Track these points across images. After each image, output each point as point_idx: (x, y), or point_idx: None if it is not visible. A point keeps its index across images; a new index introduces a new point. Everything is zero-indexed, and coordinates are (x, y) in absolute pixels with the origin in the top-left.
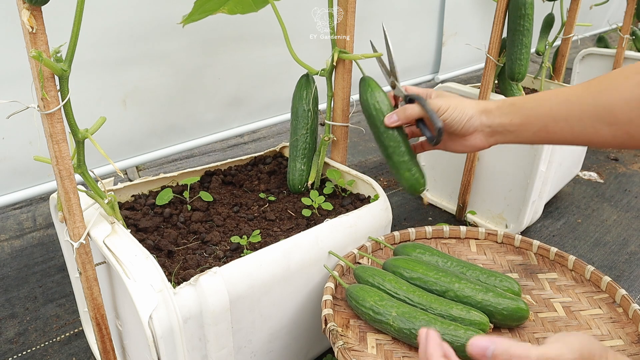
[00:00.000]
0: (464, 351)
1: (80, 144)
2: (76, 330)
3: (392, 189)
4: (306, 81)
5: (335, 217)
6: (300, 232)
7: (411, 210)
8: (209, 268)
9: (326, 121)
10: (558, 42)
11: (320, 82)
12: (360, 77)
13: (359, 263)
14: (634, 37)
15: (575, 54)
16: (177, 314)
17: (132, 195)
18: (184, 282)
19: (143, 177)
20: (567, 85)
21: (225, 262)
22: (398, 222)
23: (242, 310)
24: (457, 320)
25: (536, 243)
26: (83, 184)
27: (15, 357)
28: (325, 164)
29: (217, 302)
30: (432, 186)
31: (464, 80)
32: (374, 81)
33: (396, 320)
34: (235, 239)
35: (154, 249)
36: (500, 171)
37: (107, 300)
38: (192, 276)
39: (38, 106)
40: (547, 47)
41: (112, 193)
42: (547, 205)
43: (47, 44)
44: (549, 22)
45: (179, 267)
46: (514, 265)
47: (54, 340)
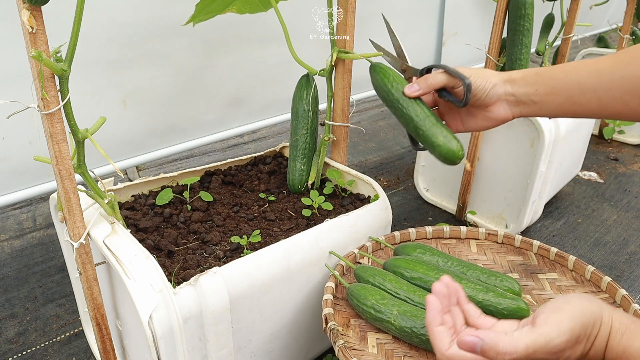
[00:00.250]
0: None
1: (80, 144)
2: (76, 330)
3: (392, 189)
4: (306, 81)
5: (335, 217)
6: (300, 232)
7: (411, 210)
8: (209, 268)
9: (326, 121)
10: (558, 42)
11: (320, 82)
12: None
13: (360, 263)
14: (634, 37)
15: (575, 54)
16: (177, 314)
17: (132, 195)
18: (184, 282)
19: (143, 177)
20: None
21: (225, 262)
22: (398, 222)
23: (242, 310)
24: None
25: (536, 243)
26: (83, 184)
27: (15, 357)
28: (325, 164)
29: (217, 302)
30: (432, 186)
31: None
32: (384, 64)
33: (397, 318)
34: (235, 239)
35: (154, 249)
36: (500, 171)
37: (107, 300)
38: (192, 276)
39: (38, 106)
40: (547, 47)
41: (112, 193)
42: (547, 205)
43: (47, 44)
44: (549, 22)
45: (179, 267)
46: (514, 266)
47: (54, 340)
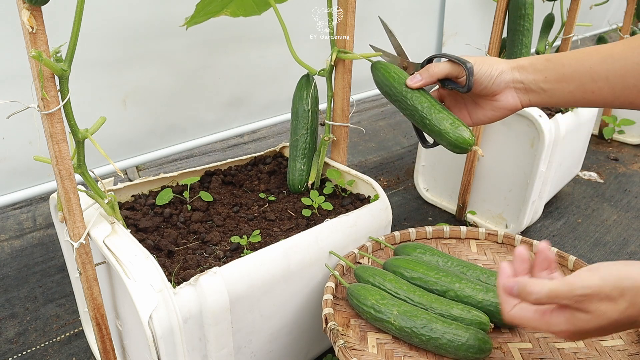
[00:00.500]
0: (465, 350)
1: (80, 144)
2: (76, 330)
3: (392, 189)
4: (306, 81)
5: (335, 217)
6: (300, 232)
7: (411, 210)
8: (209, 268)
9: (326, 121)
10: (558, 42)
11: (320, 82)
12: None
13: (360, 263)
14: None
15: None
16: (177, 314)
17: (132, 195)
18: (184, 282)
19: (143, 177)
20: None
21: (225, 262)
22: (398, 222)
23: (242, 310)
24: (457, 320)
25: (536, 243)
26: (83, 184)
27: (15, 357)
28: (325, 164)
29: (217, 302)
30: (432, 186)
31: None
32: (385, 61)
33: (397, 318)
34: (235, 239)
35: (154, 249)
36: (500, 171)
37: (107, 300)
38: (192, 276)
39: (38, 106)
40: (547, 47)
41: (112, 193)
42: (547, 205)
43: (47, 44)
44: (549, 22)
45: (179, 267)
46: None
47: (54, 340)
